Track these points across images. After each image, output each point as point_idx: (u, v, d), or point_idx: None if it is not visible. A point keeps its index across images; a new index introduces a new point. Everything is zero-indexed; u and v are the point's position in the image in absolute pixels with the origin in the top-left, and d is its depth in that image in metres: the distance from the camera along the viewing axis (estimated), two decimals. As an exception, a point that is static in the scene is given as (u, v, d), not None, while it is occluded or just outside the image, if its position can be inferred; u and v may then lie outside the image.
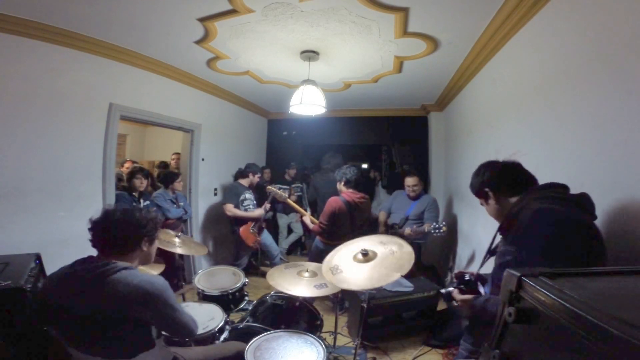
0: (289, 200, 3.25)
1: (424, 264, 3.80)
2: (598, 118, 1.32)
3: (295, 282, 1.95)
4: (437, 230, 2.99)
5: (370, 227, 3.83)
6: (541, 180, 1.75)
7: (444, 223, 3.01)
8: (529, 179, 1.20)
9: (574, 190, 1.46)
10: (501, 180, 1.21)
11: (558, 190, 1.10)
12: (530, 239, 1.00)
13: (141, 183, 3.07)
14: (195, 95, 3.76)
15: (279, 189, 3.37)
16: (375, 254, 1.80)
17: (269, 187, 3.38)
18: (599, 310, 0.45)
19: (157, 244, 1.38)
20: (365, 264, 1.76)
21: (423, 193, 3.52)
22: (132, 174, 3.07)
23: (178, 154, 4.80)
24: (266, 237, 3.87)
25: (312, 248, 3.10)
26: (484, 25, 2.18)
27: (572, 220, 0.98)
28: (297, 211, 3.31)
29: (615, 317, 0.43)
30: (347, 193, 2.87)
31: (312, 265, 2.14)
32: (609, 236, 1.24)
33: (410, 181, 3.42)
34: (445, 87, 3.71)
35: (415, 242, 3.37)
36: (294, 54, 2.77)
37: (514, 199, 1.16)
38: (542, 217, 1.00)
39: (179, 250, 2.22)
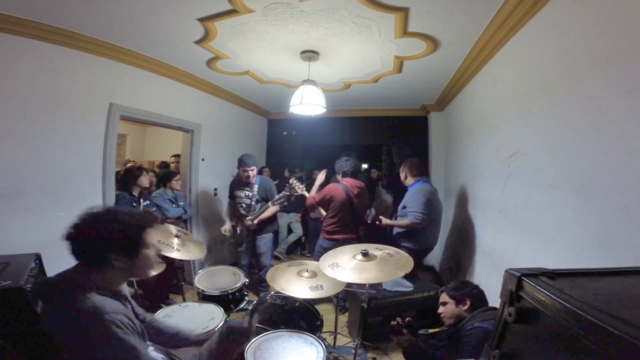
0: (306, 192, 3.15)
1: (423, 265, 3.79)
2: (598, 118, 1.32)
3: (293, 283, 1.95)
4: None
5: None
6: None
7: (369, 212, 3.03)
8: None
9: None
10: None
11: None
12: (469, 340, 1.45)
13: (145, 178, 3.06)
14: (195, 95, 3.76)
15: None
16: (374, 256, 1.82)
17: (292, 180, 3.25)
18: (599, 310, 0.45)
19: (150, 256, 1.10)
20: (366, 262, 1.76)
21: (416, 183, 2.92)
22: (130, 173, 3.05)
23: (178, 155, 4.79)
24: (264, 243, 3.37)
25: (316, 248, 3.11)
26: (484, 25, 2.18)
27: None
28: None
29: (615, 317, 0.43)
30: (345, 180, 2.97)
31: (314, 265, 2.14)
32: (607, 238, 1.24)
33: None
34: (445, 87, 3.71)
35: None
36: (294, 54, 2.76)
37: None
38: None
39: (175, 255, 2.19)
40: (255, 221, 3.11)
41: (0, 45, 2.05)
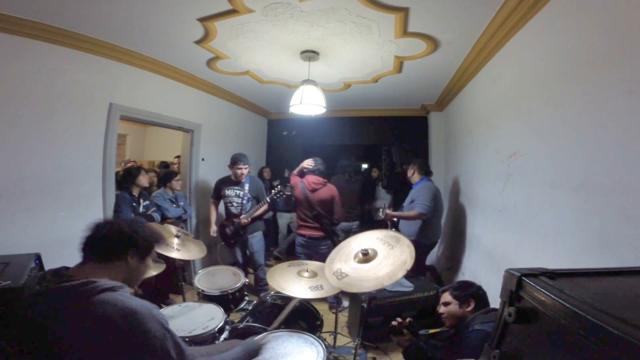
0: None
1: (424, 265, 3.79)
2: (598, 118, 1.32)
3: (293, 283, 1.95)
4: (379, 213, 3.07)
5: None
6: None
7: (383, 205, 3.11)
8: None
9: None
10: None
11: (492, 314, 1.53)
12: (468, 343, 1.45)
13: (144, 178, 3.07)
14: (195, 95, 3.76)
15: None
16: (375, 252, 1.80)
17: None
18: (599, 310, 0.45)
19: (149, 267, 1.19)
20: (367, 263, 1.75)
21: (422, 181, 3.14)
22: (129, 173, 3.05)
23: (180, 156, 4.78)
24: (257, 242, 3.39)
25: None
26: (484, 25, 2.18)
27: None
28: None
29: (615, 317, 0.43)
30: (306, 177, 3.07)
31: (314, 265, 2.14)
32: (607, 238, 1.24)
33: None
34: (445, 87, 3.70)
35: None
36: (294, 54, 2.76)
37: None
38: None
39: (175, 255, 2.18)
40: (249, 218, 3.14)
41: (0, 45, 2.05)
